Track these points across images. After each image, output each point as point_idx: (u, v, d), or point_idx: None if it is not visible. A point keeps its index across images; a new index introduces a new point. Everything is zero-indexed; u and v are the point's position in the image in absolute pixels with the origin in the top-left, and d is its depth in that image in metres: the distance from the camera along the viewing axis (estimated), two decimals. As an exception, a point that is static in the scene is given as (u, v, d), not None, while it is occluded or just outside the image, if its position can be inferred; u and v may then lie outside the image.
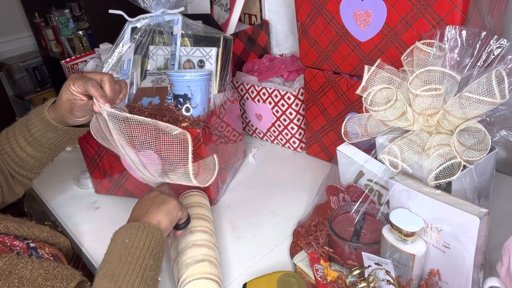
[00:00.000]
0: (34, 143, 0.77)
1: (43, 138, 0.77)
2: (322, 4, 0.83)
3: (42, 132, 0.76)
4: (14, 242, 0.61)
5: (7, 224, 0.63)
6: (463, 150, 0.55)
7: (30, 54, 2.73)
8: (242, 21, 1.32)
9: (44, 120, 0.75)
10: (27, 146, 0.77)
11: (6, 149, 0.77)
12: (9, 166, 0.77)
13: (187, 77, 0.85)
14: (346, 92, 0.89)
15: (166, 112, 0.87)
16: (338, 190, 0.78)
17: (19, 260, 0.54)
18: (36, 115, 0.76)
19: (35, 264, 0.55)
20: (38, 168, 0.81)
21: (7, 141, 0.77)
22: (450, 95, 0.57)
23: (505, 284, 0.53)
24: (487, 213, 0.52)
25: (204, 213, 0.79)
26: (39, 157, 0.79)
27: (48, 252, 0.65)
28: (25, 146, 0.77)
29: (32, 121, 0.76)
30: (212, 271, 0.66)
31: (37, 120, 0.75)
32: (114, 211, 0.94)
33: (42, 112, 0.75)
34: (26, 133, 0.76)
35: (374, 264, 0.60)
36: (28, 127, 0.76)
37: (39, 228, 0.68)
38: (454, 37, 0.58)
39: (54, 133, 0.77)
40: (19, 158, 0.77)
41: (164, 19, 0.95)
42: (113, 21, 0.99)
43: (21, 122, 0.78)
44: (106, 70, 0.96)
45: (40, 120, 0.75)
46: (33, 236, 0.66)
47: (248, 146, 1.17)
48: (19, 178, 0.79)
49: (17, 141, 0.76)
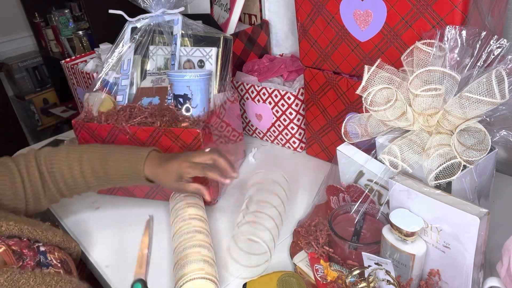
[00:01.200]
0: (102, 177, 0.77)
1: (116, 178, 0.78)
2: (322, 4, 0.83)
3: (120, 175, 0.77)
4: (24, 250, 0.61)
5: (21, 227, 0.63)
6: (463, 150, 0.55)
7: (30, 54, 2.73)
8: (242, 21, 1.32)
9: (134, 170, 0.76)
10: (91, 179, 0.77)
11: (64, 172, 0.76)
12: (54, 188, 0.77)
13: (187, 77, 0.85)
14: (346, 92, 0.89)
15: (166, 112, 0.87)
16: (338, 190, 0.78)
17: (21, 275, 0.54)
18: (126, 162, 0.76)
19: (38, 279, 0.55)
20: (82, 192, 0.81)
21: (67, 166, 0.76)
22: (450, 95, 0.57)
23: (505, 284, 0.53)
24: (487, 213, 0.52)
25: (198, 213, 0.79)
26: (93, 187, 0.80)
27: (57, 258, 0.65)
28: (90, 179, 0.77)
29: (115, 164, 0.76)
30: (208, 270, 0.66)
31: (124, 166, 0.76)
32: (114, 211, 0.94)
33: (136, 163, 0.76)
34: (99, 166, 0.76)
35: (374, 264, 0.60)
36: (107, 163, 0.76)
37: (53, 231, 0.68)
38: (454, 37, 0.58)
39: (131, 180, 0.78)
40: (73, 181, 0.77)
41: (164, 19, 0.95)
42: (113, 21, 0.99)
43: (92, 153, 0.78)
44: (106, 70, 0.96)
45: (129, 168, 0.76)
46: (45, 240, 0.66)
47: (248, 146, 1.17)
48: (53, 193, 0.78)
49: (82, 168, 0.76)
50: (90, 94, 0.94)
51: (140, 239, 0.83)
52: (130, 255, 0.80)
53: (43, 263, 0.61)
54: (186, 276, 0.64)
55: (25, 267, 0.58)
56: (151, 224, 0.82)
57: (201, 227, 0.75)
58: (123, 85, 0.96)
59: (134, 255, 0.79)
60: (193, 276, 0.64)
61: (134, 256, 0.79)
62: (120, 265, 0.78)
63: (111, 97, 0.94)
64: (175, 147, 0.86)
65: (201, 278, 0.64)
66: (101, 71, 0.96)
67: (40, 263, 0.61)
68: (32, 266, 0.59)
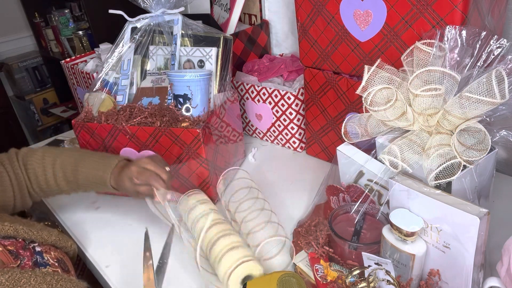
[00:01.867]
0: (73, 183, 0.80)
1: (85, 185, 0.80)
2: (322, 4, 0.83)
3: (89, 183, 0.80)
4: (20, 250, 0.61)
5: (16, 227, 0.63)
6: (463, 150, 0.55)
7: (30, 54, 2.72)
8: (242, 21, 1.32)
9: (102, 180, 0.78)
10: (63, 182, 0.79)
11: (37, 172, 0.78)
12: (30, 186, 0.79)
13: (187, 77, 0.85)
14: (346, 92, 0.89)
15: (166, 112, 0.87)
16: (338, 190, 0.78)
17: (22, 274, 0.54)
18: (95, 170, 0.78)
19: (38, 278, 0.55)
20: (54, 195, 0.84)
21: (41, 166, 0.78)
22: (450, 95, 0.57)
23: (505, 284, 0.53)
24: (487, 213, 0.52)
25: (210, 207, 0.80)
26: (66, 191, 0.82)
27: (53, 257, 0.65)
28: (61, 181, 0.79)
29: (84, 171, 0.79)
30: (245, 253, 0.67)
31: (93, 175, 0.78)
32: (114, 211, 0.94)
33: (103, 172, 0.78)
34: (70, 173, 0.79)
35: (374, 264, 0.60)
36: (77, 171, 0.78)
37: (48, 231, 0.68)
38: (454, 37, 0.58)
39: (98, 188, 0.81)
40: (47, 185, 0.79)
41: (164, 19, 0.95)
42: (113, 21, 0.99)
43: (66, 157, 0.80)
44: (106, 70, 0.96)
45: (96, 177, 0.78)
46: (41, 240, 0.66)
47: (248, 146, 1.17)
48: (34, 195, 0.81)
49: (54, 173, 0.79)
50: (90, 94, 0.94)
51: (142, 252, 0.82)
52: (130, 255, 0.80)
53: (40, 263, 0.61)
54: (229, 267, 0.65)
55: (23, 267, 0.58)
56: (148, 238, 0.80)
57: (216, 219, 0.76)
58: (123, 85, 0.96)
59: (134, 255, 0.79)
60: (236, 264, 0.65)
61: (134, 256, 0.79)
62: (120, 265, 0.78)
63: (111, 97, 0.94)
64: (175, 147, 0.86)
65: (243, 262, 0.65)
66: (101, 71, 0.96)
67: (37, 263, 0.61)
68: (30, 266, 0.59)
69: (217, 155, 0.93)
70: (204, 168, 0.87)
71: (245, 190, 0.86)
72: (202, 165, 0.87)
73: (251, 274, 0.66)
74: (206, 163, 0.87)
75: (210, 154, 0.89)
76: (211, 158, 0.89)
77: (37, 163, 0.78)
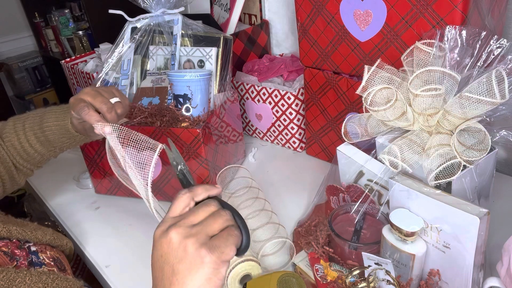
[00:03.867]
0: (45, 142, 0.77)
1: (56, 141, 0.77)
2: (322, 4, 0.83)
3: (58, 136, 0.76)
4: (16, 250, 0.60)
5: (9, 228, 0.62)
6: (463, 150, 0.55)
7: (30, 54, 2.73)
8: (242, 21, 1.32)
9: (65, 129, 0.74)
10: (36, 144, 0.76)
11: (13, 142, 0.76)
12: (13, 158, 0.77)
13: (187, 77, 0.85)
14: (346, 92, 0.89)
15: (166, 112, 0.87)
16: (338, 190, 0.78)
17: (17, 274, 0.53)
18: (55, 120, 0.74)
19: (34, 278, 0.54)
20: (42, 162, 0.82)
21: (15, 134, 0.76)
22: (450, 95, 0.57)
23: (505, 284, 0.53)
24: (487, 213, 0.52)
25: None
26: (47, 154, 0.79)
27: (49, 256, 0.65)
28: (35, 143, 0.76)
29: (48, 124, 0.75)
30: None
31: (55, 126, 0.75)
32: (114, 211, 0.94)
33: (63, 120, 0.74)
34: (39, 132, 0.76)
35: (374, 264, 0.60)
36: (43, 128, 0.75)
37: (42, 230, 0.68)
38: (454, 37, 0.58)
39: (70, 139, 0.77)
40: (25, 152, 0.77)
41: (164, 19, 0.95)
42: (113, 21, 0.99)
43: (33, 118, 0.77)
44: (106, 70, 0.95)
45: (59, 127, 0.75)
46: (35, 239, 0.66)
47: (248, 146, 1.17)
48: (22, 169, 0.79)
49: (27, 137, 0.76)
50: (90, 94, 0.93)
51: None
52: (130, 255, 0.80)
53: (35, 263, 0.61)
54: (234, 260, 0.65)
55: (19, 267, 0.58)
56: None
57: None
58: (123, 85, 0.96)
59: (134, 255, 0.79)
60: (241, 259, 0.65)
61: (134, 256, 0.79)
62: (120, 265, 0.78)
63: (111, 97, 0.94)
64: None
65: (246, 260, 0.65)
66: (101, 71, 0.96)
67: (33, 263, 0.60)
68: (26, 266, 0.59)
69: (217, 155, 0.93)
70: (204, 168, 0.87)
71: (244, 189, 0.86)
72: (202, 165, 0.87)
73: (249, 273, 0.66)
74: (206, 163, 0.87)
75: (210, 154, 0.89)
76: (211, 158, 0.89)
77: (10, 132, 0.76)
